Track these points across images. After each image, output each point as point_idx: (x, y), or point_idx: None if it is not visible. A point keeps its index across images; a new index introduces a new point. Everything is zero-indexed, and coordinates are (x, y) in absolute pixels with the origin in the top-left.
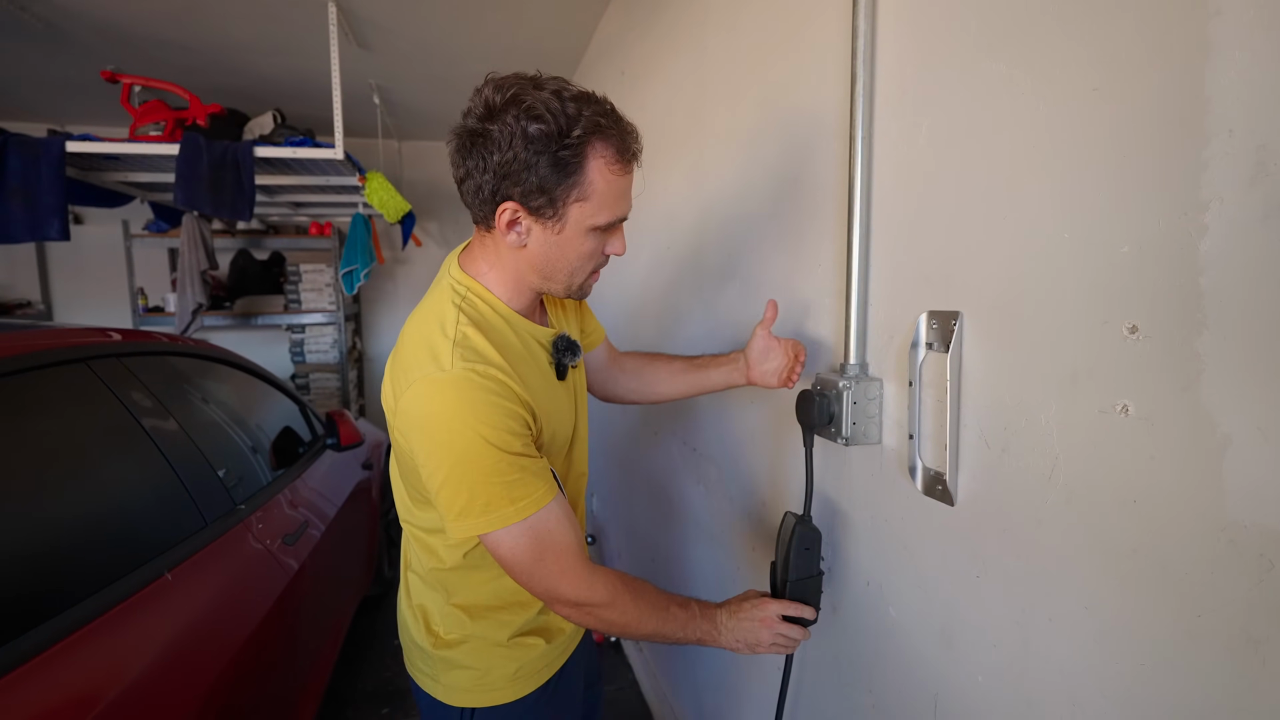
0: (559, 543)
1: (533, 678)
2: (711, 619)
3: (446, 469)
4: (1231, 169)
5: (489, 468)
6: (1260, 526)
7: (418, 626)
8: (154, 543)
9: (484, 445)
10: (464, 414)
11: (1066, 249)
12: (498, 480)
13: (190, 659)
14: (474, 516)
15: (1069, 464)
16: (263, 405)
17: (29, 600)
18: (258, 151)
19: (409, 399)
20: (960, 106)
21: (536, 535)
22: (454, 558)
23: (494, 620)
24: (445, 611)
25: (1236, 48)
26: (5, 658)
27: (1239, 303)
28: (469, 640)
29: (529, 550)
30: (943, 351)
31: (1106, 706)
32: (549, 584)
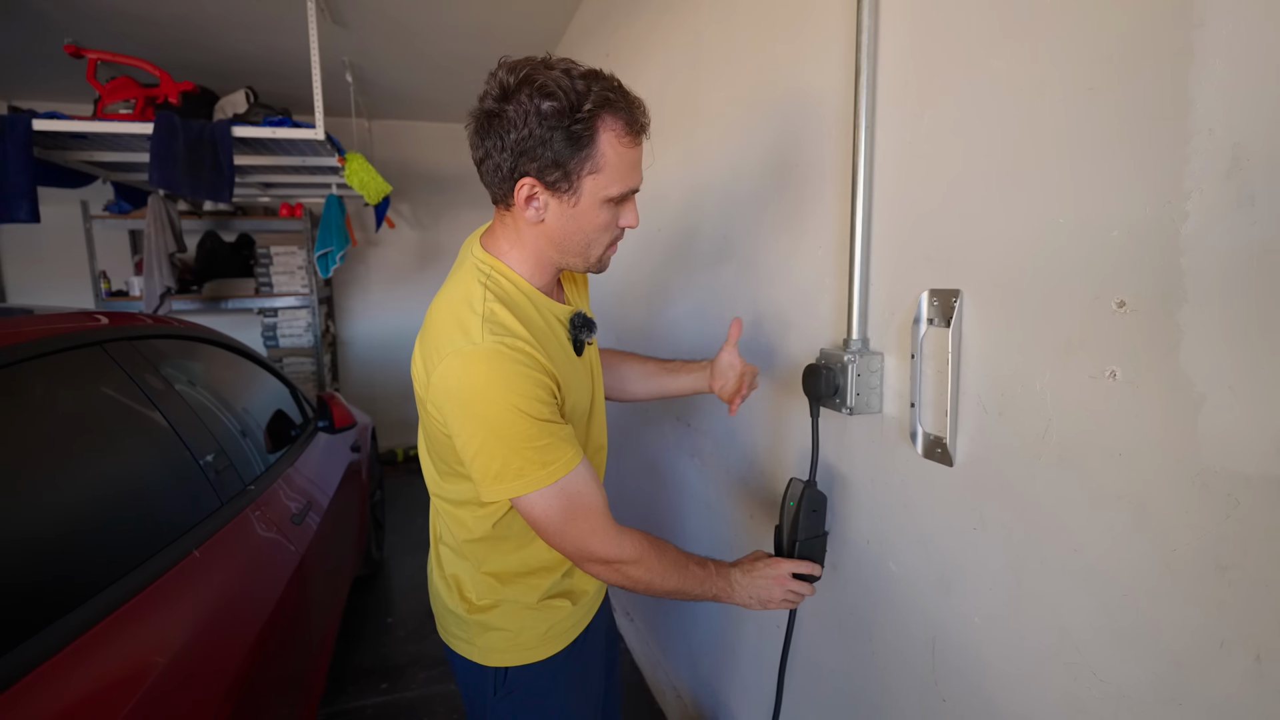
0: (588, 503)
1: (562, 637)
2: (726, 577)
3: (481, 437)
4: (1210, 163)
5: (521, 434)
6: (1229, 470)
7: (451, 594)
8: (179, 522)
9: (516, 413)
10: (496, 384)
11: (1062, 232)
12: (529, 445)
13: (222, 634)
14: (509, 480)
15: (1061, 424)
16: (257, 388)
17: (71, 580)
18: (235, 131)
19: (441, 373)
20: (963, 99)
21: (567, 496)
22: (483, 528)
23: (523, 585)
24: (477, 579)
25: (1217, 56)
26: (58, 633)
27: (1215, 280)
28: (501, 604)
29: (561, 511)
30: (944, 327)
31: (1092, 634)
32: (580, 542)
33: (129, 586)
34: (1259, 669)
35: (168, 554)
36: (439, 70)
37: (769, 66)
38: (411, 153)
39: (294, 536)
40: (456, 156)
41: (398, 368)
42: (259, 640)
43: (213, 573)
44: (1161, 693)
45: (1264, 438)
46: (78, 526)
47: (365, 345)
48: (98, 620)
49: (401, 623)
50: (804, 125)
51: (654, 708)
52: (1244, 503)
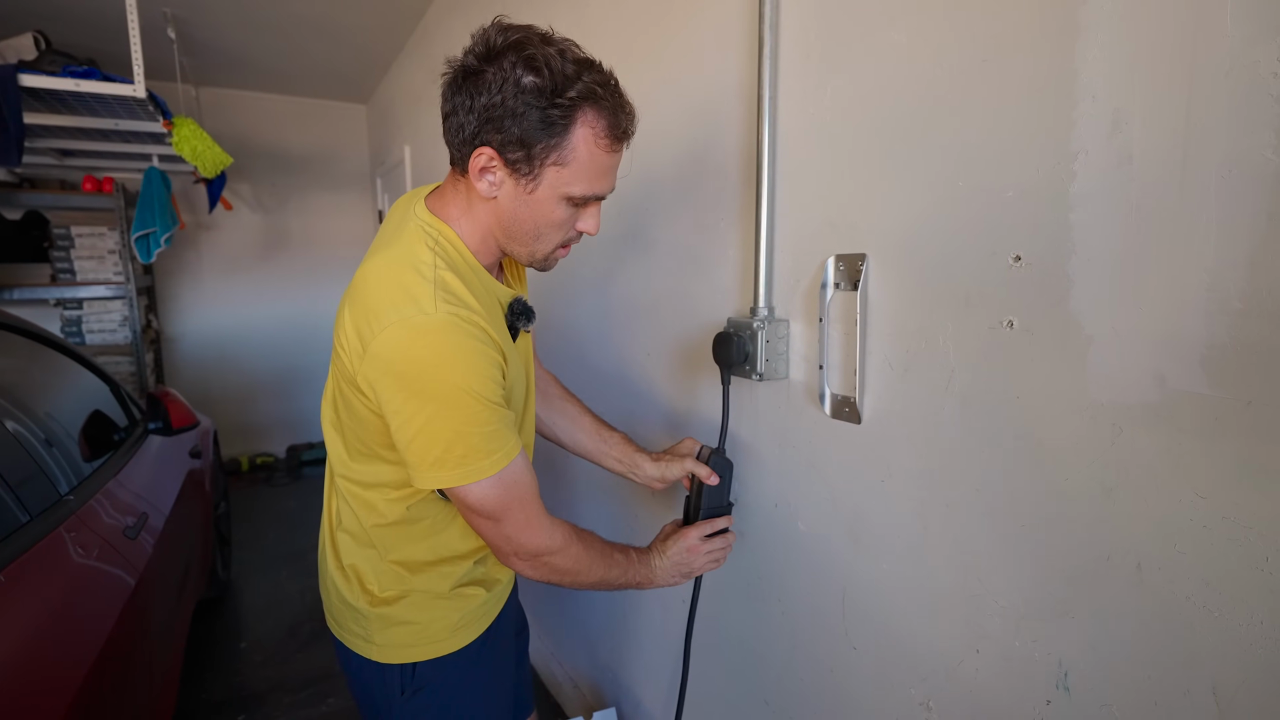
0: (525, 494)
1: (474, 626)
2: (646, 563)
3: (425, 418)
4: (1094, 126)
5: (470, 417)
6: (1113, 402)
7: (350, 587)
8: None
9: (468, 394)
10: (448, 360)
11: (960, 194)
12: (477, 431)
13: (40, 675)
14: (449, 468)
15: (962, 374)
16: (69, 384)
17: None
18: (25, 80)
19: (383, 343)
20: (864, 70)
21: (506, 487)
22: (396, 512)
23: (435, 573)
24: (381, 569)
25: (1100, 30)
26: None
27: (1100, 232)
28: (409, 595)
29: (498, 501)
30: (851, 290)
31: (993, 564)
32: (512, 535)
33: None
34: (1139, 575)
35: None
36: (284, 35)
37: (664, 37)
38: (250, 127)
39: (128, 554)
40: (304, 134)
41: (241, 367)
42: (88, 679)
43: (23, 600)
44: (1055, 609)
45: (1142, 370)
46: None
47: (197, 343)
48: None
49: (257, 646)
50: (704, 99)
51: (550, 702)
52: (1126, 430)
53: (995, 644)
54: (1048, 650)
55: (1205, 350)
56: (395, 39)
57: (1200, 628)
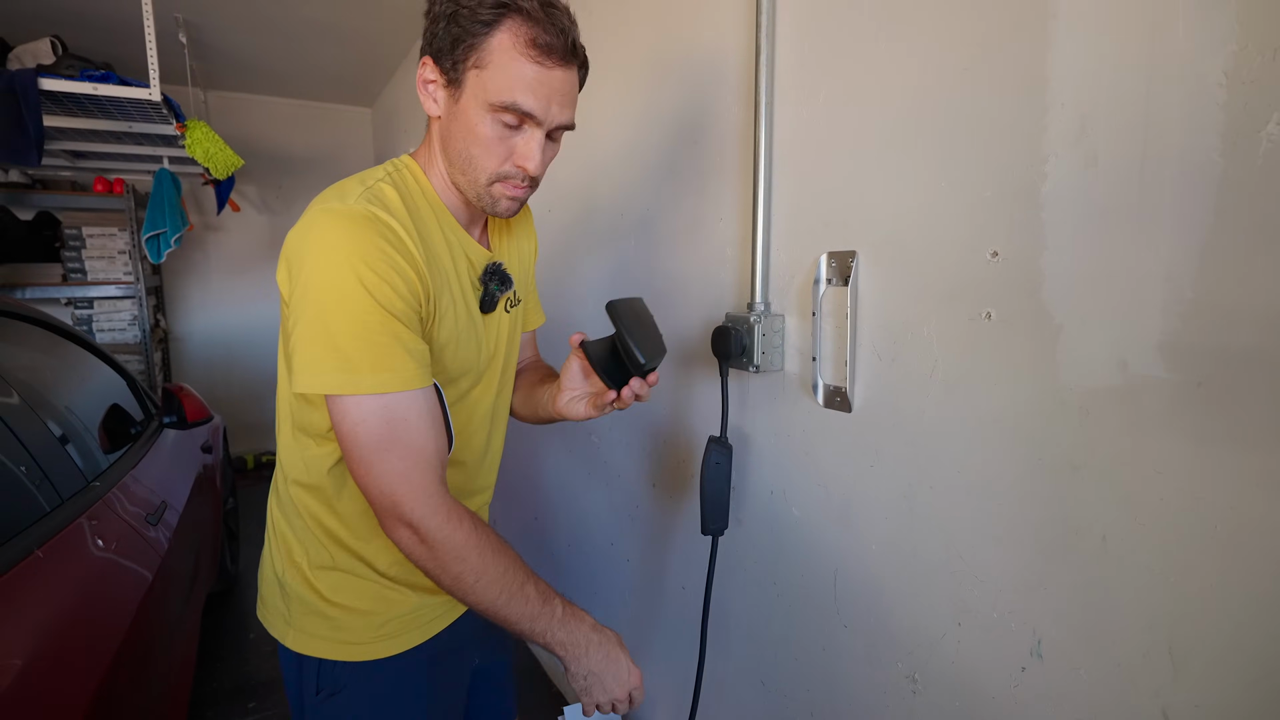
0: (414, 440)
1: (402, 636)
2: (578, 632)
3: (312, 306)
4: (1063, 131)
5: (358, 317)
6: (1081, 386)
7: (279, 557)
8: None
9: (359, 289)
10: (346, 247)
11: (944, 194)
12: (364, 337)
13: (73, 654)
14: (326, 372)
15: (946, 363)
16: (89, 378)
17: None
18: (45, 84)
19: (293, 232)
20: (855, 75)
21: (390, 419)
22: (323, 465)
23: (363, 547)
24: (307, 537)
25: (1068, 40)
26: None
27: (1068, 229)
28: (335, 570)
29: (375, 432)
30: (842, 285)
31: (973, 540)
32: (388, 482)
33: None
34: (1104, 546)
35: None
36: (293, 39)
37: (664, 39)
38: (257, 129)
39: (149, 541)
40: (310, 137)
41: (244, 366)
42: (114, 660)
43: (55, 580)
44: (1029, 580)
45: (1107, 355)
46: None
47: (204, 342)
48: None
49: (265, 638)
50: (702, 101)
51: (551, 691)
52: (1093, 411)
53: (975, 617)
54: (1023, 620)
55: (1161, 336)
56: (400, 44)
57: (1158, 593)
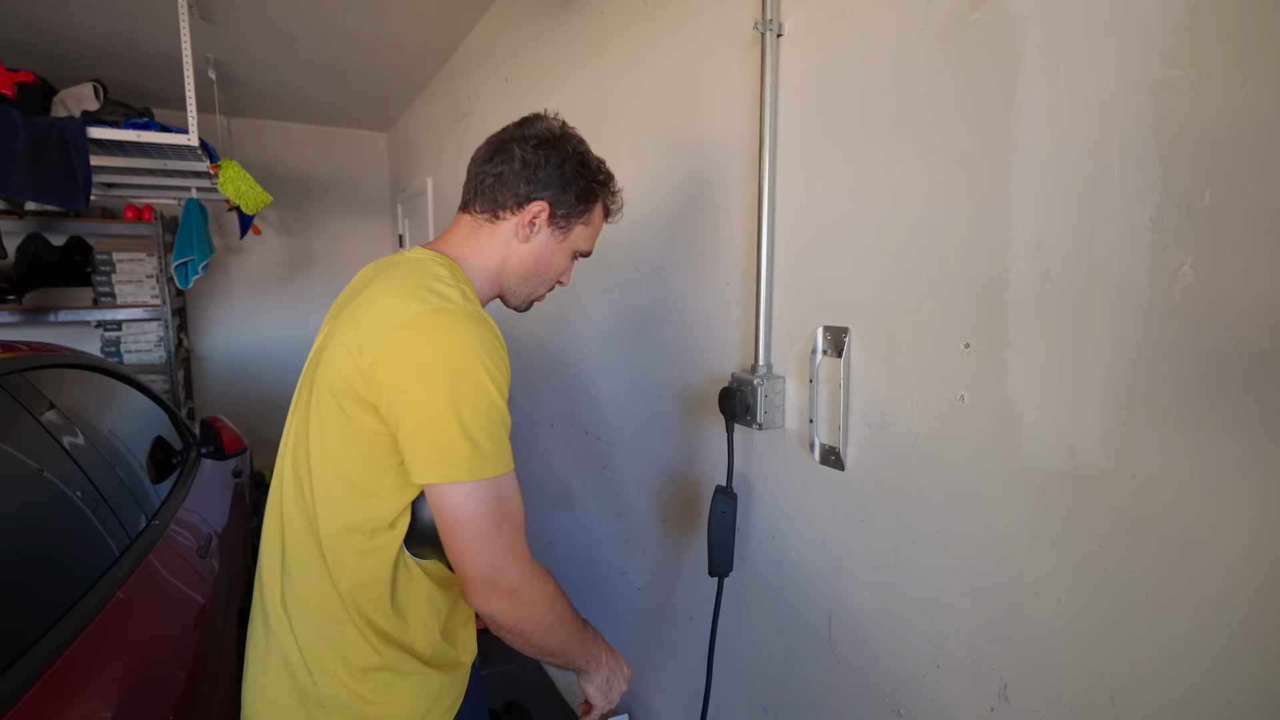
0: (516, 513)
1: (442, 716)
2: (601, 648)
3: (439, 401)
4: (1023, 248)
5: (484, 407)
6: (1038, 468)
7: (312, 668)
8: (95, 564)
9: (487, 380)
10: (472, 345)
11: (925, 287)
12: (486, 424)
13: (154, 679)
14: (455, 462)
15: (926, 435)
16: (139, 413)
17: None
18: (93, 133)
19: (411, 332)
20: (847, 171)
21: (501, 498)
22: (377, 564)
23: (411, 630)
24: (353, 640)
25: (1026, 172)
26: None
27: (1027, 331)
28: (383, 670)
29: (492, 513)
30: (836, 357)
31: (950, 593)
32: (500, 556)
33: (54, 643)
34: (1059, 607)
35: (92, 598)
36: (315, 74)
37: (677, 119)
38: (276, 154)
39: (202, 572)
40: (327, 161)
41: (263, 384)
42: (186, 685)
43: (137, 617)
44: (997, 632)
45: (1060, 443)
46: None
47: (225, 361)
48: (33, 680)
49: None
50: (712, 175)
51: (564, 709)
52: (1047, 489)
53: (952, 661)
54: (992, 667)
55: (1103, 431)
56: (418, 78)
57: (1102, 651)
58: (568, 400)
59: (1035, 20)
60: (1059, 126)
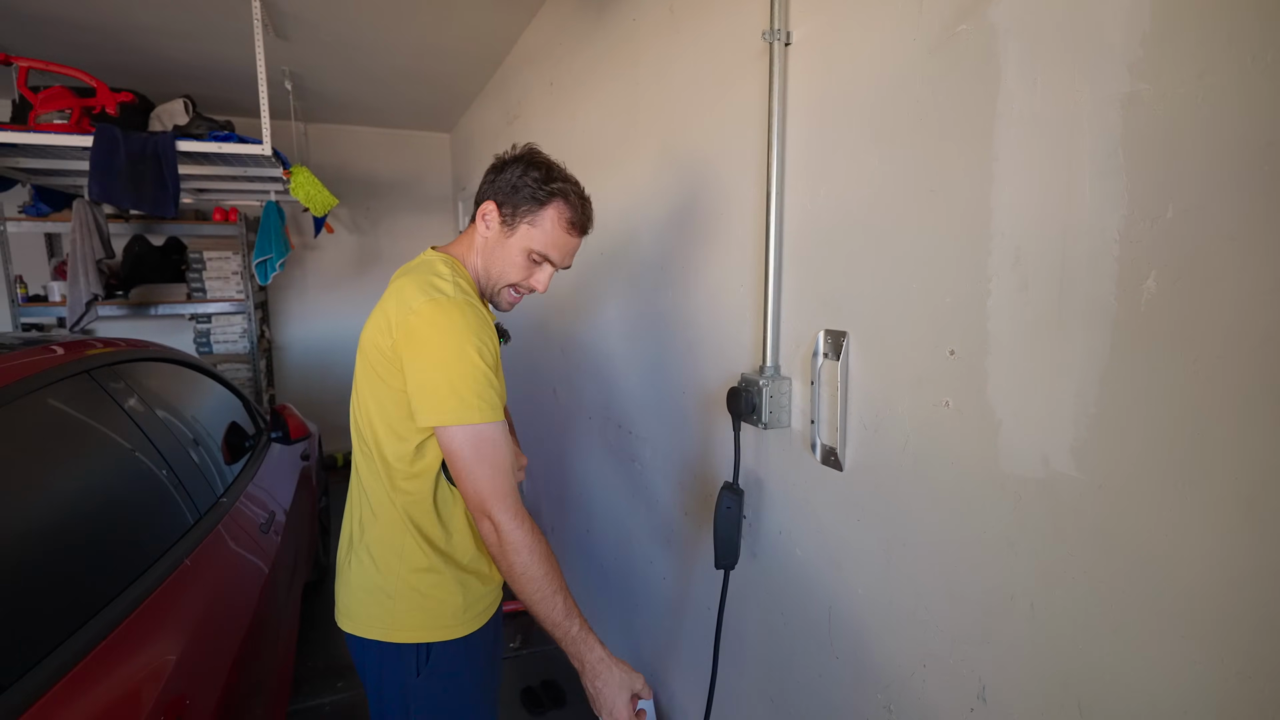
0: (498, 458)
1: (478, 617)
2: (590, 640)
3: (434, 366)
4: (1003, 257)
5: (470, 371)
6: (1015, 475)
7: (380, 573)
8: (168, 534)
9: (473, 352)
10: (460, 325)
11: (915, 294)
12: (472, 383)
13: (214, 641)
14: (445, 410)
15: (915, 439)
16: (215, 401)
17: (81, 593)
18: (181, 146)
19: (416, 317)
20: (846, 180)
21: (481, 441)
22: (421, 488)
23: (454, 546)
24: (411, 547)
25: (1006, 182)
26: (80, 640)
27: (1007, 339)
28: (432, 570)
29: (473, 450)
30: (835, 360)
31: (935, 595)
32: (480, 486)
33: (131, 598)
34: (1032, 613)
35: (162, 564)
36: (380, 82)
37: (699, 126)
38: (348, 157)
39: (264, 545)
40: (394, 162)
41: (336, 372)
42: (243, 647)
43: (202, 582)
44: (977, 635)
45: (1034, 451)
46: (78, 541)
47: (302, 350)
48: (114, 625)
49: None
50: (729, 178)
51: None
52: (1023, 497)
53: (937, 661)
54: (972, 669)
55: (1073, 441)
56: (474, 83)
57: (1070, 657)
58: (604, 394)
59: (1015, 33)
60: (1036, 138)
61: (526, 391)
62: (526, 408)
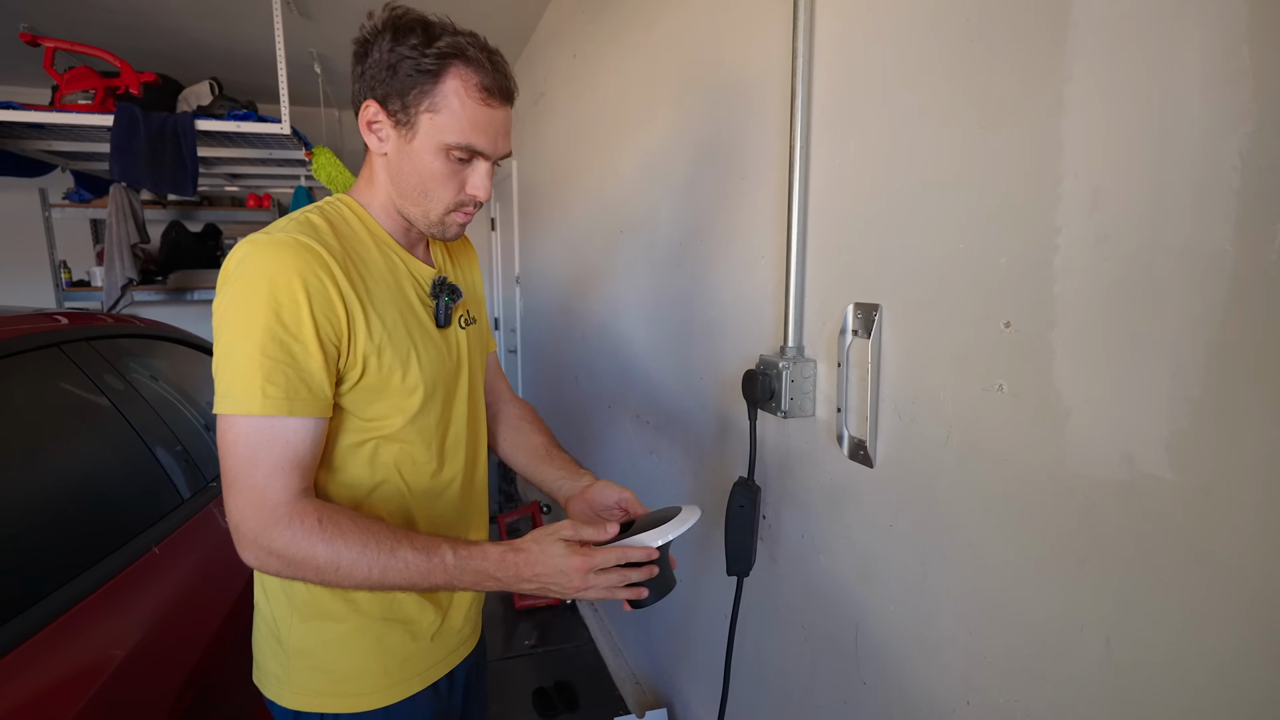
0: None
1: (407, 681)
2: (481, 561)
3: (228, 329)
4: (1076, 203)
5: (260, 330)
6: (1087, 476)
7: (268, 609)
8: (138, 518)
9: (268, 303)
10: (266, 272)
11: (960, 256)
12: (259, 350)
13: (183, 628)
14: (222, 389)
15: (960, 431)
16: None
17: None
18: (199, 125)
19: (225, 263)
20: (880, 128)
21: (264, 440)
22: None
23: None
24: (300, 584)
25: (1082, 108)
26: (9, 633)
27: (1079, 306)
28: (330, 619)
29: (249, 449)
30: (865, 338)
31: (982, 618)
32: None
33: (82, 587)
34: (1108, 650)
35: (126, 551)
36: None
37: (717, 84)
38: None
39: None
40: None
41: None
42: (218, 634)
43: (173, 568)
44: (1035, 670)
45: (1113, 447)
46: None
47: None
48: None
49: None
50: (747, 142)
51: (613, 694)
52: (1098, 504)
53: (983, 698)
54: (1027, 711)
55: (1169, 435)
56: None
57: (1157, 704)
58: (623, 383)
59: None
60: (1124, 44)
61: (551, 379)
62: (551, 397)
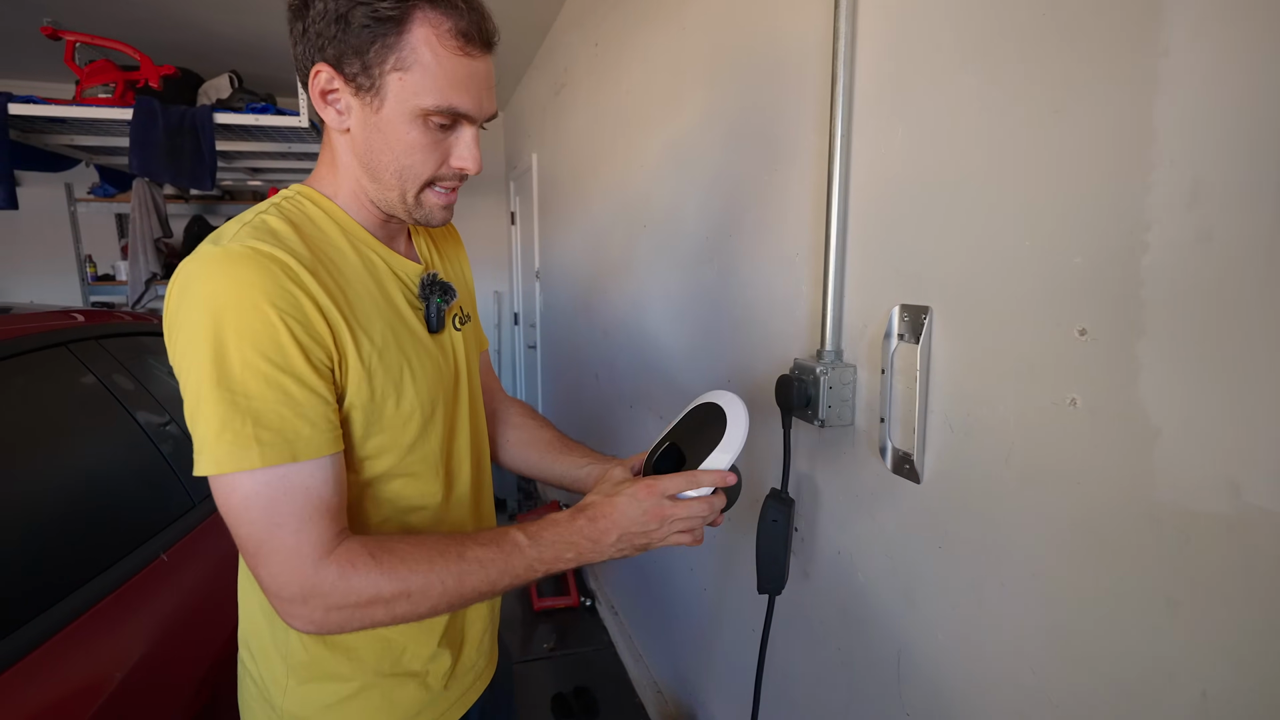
0: (307, 511)
1: None
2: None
3: (194, 374)
4: (1171, 195)
5: (235, 367)
6: (1180, 507)
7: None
8: (148, 523)
9: (234, 334)
10: (228, 297)
11: (1026, 254)
12: (238, 393)
13: (195, 634)
14: (210, 447)
15: (1023, 449)
16: None
17: (31, 588)
18: (217, 118)
19: (169, 289)
20: (935, 112)
21: (277, 495)
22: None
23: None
24: (297, 643)
25: (1181, 86)
26: (17, 642)
27: (1173, 314)
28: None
29: (265, 509)
30: (913, 343)
31: (1047, 656)
32: (274, 568)
33: (90, 595)
34: (1205, 705)
35: (132, 559)
36: None
37: (749, 69)
38: None
39: None
40: None
41: None
42: (227, 645)
43: (183, 575)
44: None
45: (1214, 476)
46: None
47: None
48: (56, 630)
49: None
50: (783, 129)
51: (634, 702)
52: (1194, 540)
53: None
54: None
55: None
56: (523, 55)
57: None
58: (645, 381)
59: None
60: (1231, 12)
61: (571, 375)
62: (570, 394)
